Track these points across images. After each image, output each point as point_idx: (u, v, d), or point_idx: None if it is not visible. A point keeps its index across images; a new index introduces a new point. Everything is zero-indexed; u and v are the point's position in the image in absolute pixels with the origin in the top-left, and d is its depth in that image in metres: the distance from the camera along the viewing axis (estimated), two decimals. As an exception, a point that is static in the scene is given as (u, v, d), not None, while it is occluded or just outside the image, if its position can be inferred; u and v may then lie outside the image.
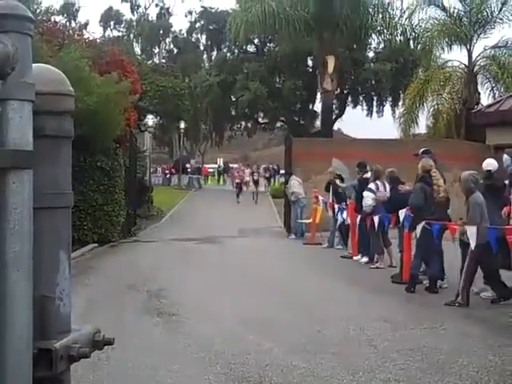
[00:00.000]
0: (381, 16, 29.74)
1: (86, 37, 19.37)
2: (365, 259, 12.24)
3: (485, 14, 27.34)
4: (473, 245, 7.94)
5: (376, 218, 11.46)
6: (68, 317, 1.49)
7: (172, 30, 60.59)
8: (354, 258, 12.80)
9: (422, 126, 31.24)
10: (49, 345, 1.38)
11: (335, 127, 44.65)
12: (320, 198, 15.64)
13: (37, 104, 1.36)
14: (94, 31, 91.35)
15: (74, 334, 1.47)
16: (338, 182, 14.38)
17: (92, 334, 1.52)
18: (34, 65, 1.40)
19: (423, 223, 9.26)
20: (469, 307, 7.98)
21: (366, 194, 11.84)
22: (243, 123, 48.83)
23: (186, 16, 58.06)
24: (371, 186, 11.81)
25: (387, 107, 43.90)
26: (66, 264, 1.49)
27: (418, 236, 9.41)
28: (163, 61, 55.59)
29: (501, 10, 27.13)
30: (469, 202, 8.19)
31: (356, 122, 50.93)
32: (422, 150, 10.57)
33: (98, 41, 21.30)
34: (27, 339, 1.30)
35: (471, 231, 7.98)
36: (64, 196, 1.53)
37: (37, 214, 1.37)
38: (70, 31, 19.31)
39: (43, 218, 1.44)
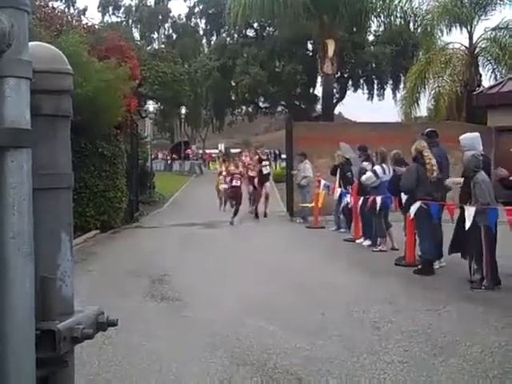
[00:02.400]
0: (380, -2, 29.54)
1: (84, 23, 19.25)
2: (368, 242, 12.23)
3: (486, -6, 27.17)
4: (467, 225, 7.92)
5: (379, 200, 11.44)
6: (71, 298, 1.48)
7: (171, 15, 60.40)
8: (357, 241, 12.79)
9: (423, 108, 31.14)
10: (51, 326, 1.37)
11: (336, 111, 44.63)
12: (322, 181, 15.61)
13: (34, 82, 1.33)
14: (93, 17, 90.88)
15: (77, 315, 1.46)
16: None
17: (95, 316, 1.50)
18: (31, 43, 1.38)
19: (418, 204, 9.25)
20: (492, 290, 7.93)
21: (369, 174, 11.82)
22: (244, 108, 48.74)
23: (184, 1, 57.90)
24: (377, 168, 11.75)
25: (388, 90, 43.86)
26: (67, 245, 1.47)
27: (411, 216, 9.41)
28: (162, 46, 55.38)
29: (502, -10, 26.97)
30: (473, 183, 8.13)
31: (357, 106, 50.87)
32: (427, 131, 10.53)
33: (96, 27, 21.15)
34: (29, 320, 1.29)
35: (469, 211, 7.96)
36: (64, 176, 1.50)
37: (37, 194, 1.35)
38: (69, 17, 19.16)
39: (43, 199, 1.42)
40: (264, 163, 18.73)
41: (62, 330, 1.37)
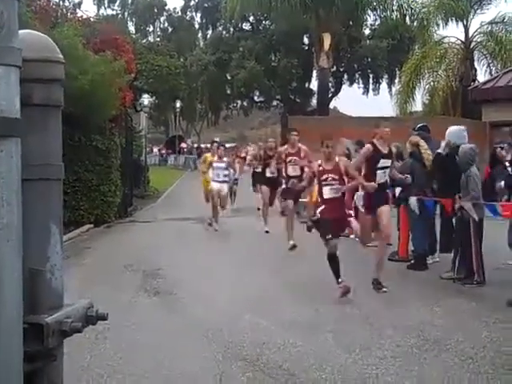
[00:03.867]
0: (377, -9, 29.54)
1: (79, 15, 19.15)
2: (361, 237, 12.22)
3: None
4: (476, 217, 7.92)
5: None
6: (60, 291, 1.46)
7: (166, 8, 60.14)
8: (351, 236, 12.78)
9: (419, 103, 31.17)
10: (40, 319, 1.35)
11: (331, 105, 44.56)
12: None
13: (24, 71, 1.31)
14: (88, 10, 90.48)
15: (66, 308, 1.44)
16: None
17: (85, 309, 1.48)
18: (21, 31, 1.35)
19: (413, 199, 9.26)
20: (484, 284, 7.97)
21: None
22: (239, 102, 48.65)
23: (180, -6, 57.60)
24: None
25: (383, 85, 43.85)
26: (57, 237, 1.45)
27: (417, 212, 9.41)
28: (158, 39, 55.19)
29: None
30: (467, 176, 8.12)
31: (352, 100, 50.78)
32: (418, 126, 10.54)
33: (91, 19, 21.05)
34: (17, 313, 1.26)
35: (468, 205, 7.97)
36: (54, 167, 1.48)
37: (26, 185, 1.33)
38: (64, 10, 19.09)
39: (33, 190, 1.39)
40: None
41: (51, 324, 1.35)
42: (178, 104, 44.67)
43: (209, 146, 56.67)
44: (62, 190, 1.50)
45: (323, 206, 7.74)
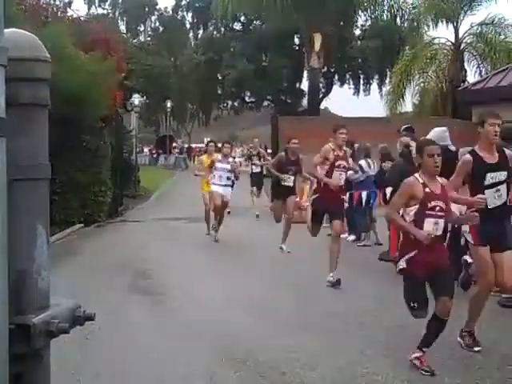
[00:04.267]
0: (368, -8, 29.62)
1: (70, 14, 19.11)
2: (352, 237, 12.25)
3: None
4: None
5: (364, 194, 11.46)
6: (47, 292, 1.45)
7: (157, 7, 59.91)
8: (341, 236, 12.79)
9: (409, 104, 31.27)
10: (26, 320, 1.34)
11: (322, 106, 44.62)
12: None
13: (10, 70, 1.29)
14: (79, 9, 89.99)
15: (53, 309, 1.43)
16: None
17: (72, 310, 1.47)
18: (7, 29, 1.34)
19: None
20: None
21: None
22: (230, 102, 48.59)
23: (171, -7, 57.42)
24: (362, 163, 11.75)
25: (374, 85, 43.94)
26: (43, 238, 1.44)
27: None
28: (149, 39, 55.07)
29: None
30: None
31: (343, 101, 50.91)
32: (403, 127, 10.57)
33: (82, 19, 21.00)
34: (3, 314, 1.25)
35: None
36: (41, 167, 1.46)
37: (12, 185, 1.31)
38: (54, 8, 18.99)
39: (19, 190, 1.38)
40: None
41: (37, 324, 1.34)
42: (169, 104, 44.57)
43: (200, 145, 56.21)
44: (48, 190, 1.49)
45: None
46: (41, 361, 1.40)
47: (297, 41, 42.14)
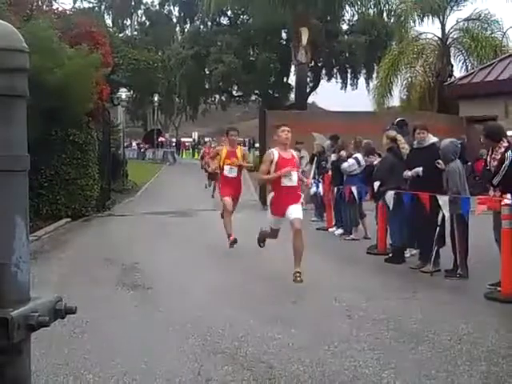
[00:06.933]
0: (354, -13, 29.63)
1: (55, 8, 18.94)
2: (340, 231, 12.28)
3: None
4: (446, 214, 7.96)
5: (354, 189, 11.46)
6: (26, 285, 1.42)
7: (144, 1, 59.69)
8: (329, 229, 12.84)
9: (396, 98, 31.35)
10: (4, 313, 1.32)
11: (310, 100, 44.64)
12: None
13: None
14: (64, 2, 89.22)
15: (33, 302, 1.40)
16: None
17: (53, 303, 1.45)
18: (-17, 19, 1.31)
19: (390, 193, 9.29)
20: (466, 278, 8.00)
21: (351, 161, 11.75)
22: (217, 96, 48.47)
23: (157, -13, 57.09)
24: (358, 156, 11.70)
25: (361, 80, 43.94)
26: (23, 230, 1.41)
27: (390, 208, 9.43)
28: (135, 33, 54.79)
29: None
30: (447, 171, 8.11)
31: (330, 95, 50.89)
32: (397, 120, 10.58)
33: (67, 12, 20.81)
34: (-20, 307, 1.23)
35: (444, 200, 7.99)
36: (19, 158, 1.44)
37: (-11, 177, 1.29)
38: (39, 1, 18.82)
39: (-4, 182, 1.36)
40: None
41: (16, 318, 1.32)
42: (156, 98, 44.40)
43: (189, 139, 55.88)
44: (27, 182, 1.46)
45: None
46: (20, 354, 1.38)
47: (284, 35, 42.06)
